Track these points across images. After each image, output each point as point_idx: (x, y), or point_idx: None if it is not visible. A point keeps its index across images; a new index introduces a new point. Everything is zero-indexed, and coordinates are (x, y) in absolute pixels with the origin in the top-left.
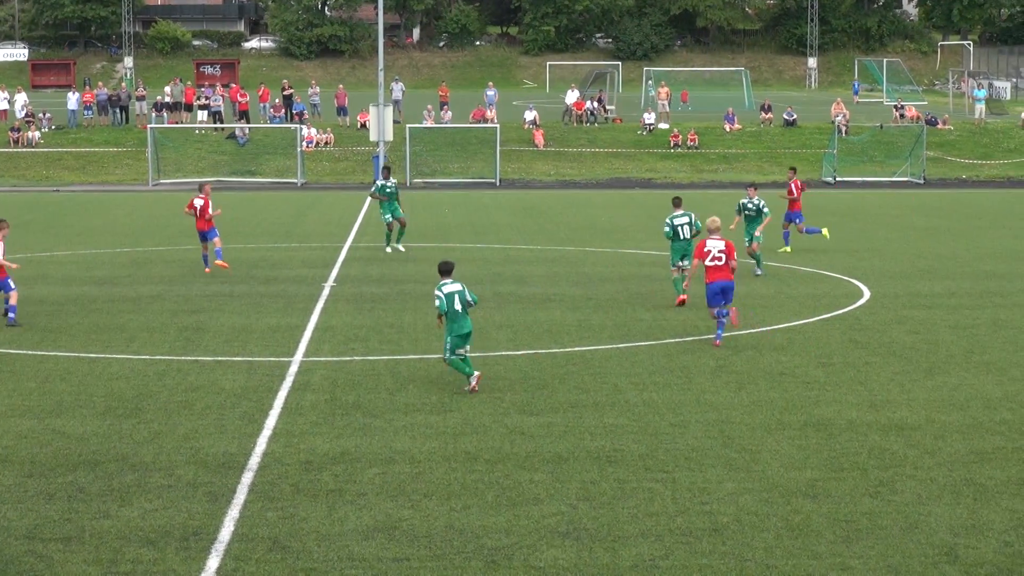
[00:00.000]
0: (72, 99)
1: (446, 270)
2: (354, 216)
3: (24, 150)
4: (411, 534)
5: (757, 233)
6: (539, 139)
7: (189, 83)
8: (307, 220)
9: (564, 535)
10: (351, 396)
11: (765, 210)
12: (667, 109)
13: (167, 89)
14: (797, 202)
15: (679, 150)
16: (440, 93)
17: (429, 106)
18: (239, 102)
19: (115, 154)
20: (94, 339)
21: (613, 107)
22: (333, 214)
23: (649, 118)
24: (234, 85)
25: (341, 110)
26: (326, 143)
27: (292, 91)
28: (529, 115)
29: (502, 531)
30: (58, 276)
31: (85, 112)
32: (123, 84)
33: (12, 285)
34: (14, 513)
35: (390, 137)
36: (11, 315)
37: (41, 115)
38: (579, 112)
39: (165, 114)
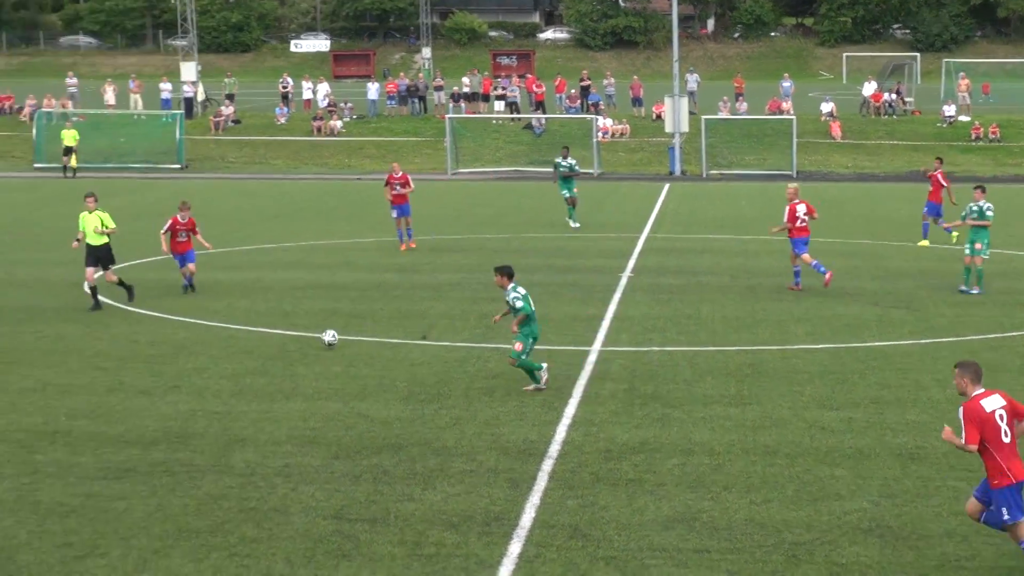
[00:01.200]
0: (372, 89)
1: (512, 273)
2: (650, 207)
3: (326, 139)
4: (711, 526)
5: (979, 247)
6: (836, 131)
7: (486, 74)
8: (604, 210)
9: (867, 532)
10: (649, 386)
11: (990, 215)
12: (968, 101)
13: (464, 80)
14: (937, 194)
15: (980, 143)
16: (735, 84)
17: (724, 97)
18: (535, 92)
19: (414, 143)
20: (396, 325)
21: (912, 99)
22: (629, 205)
23: (949, 110)
24: (530, 76)
25: (636, 101)
26: (621, 134)
27: (589, 82)
28: (826, 107)
29: (803, 526)
30: (362, 263)
31: (388, 102)
32: (421, 75)
33: (193, 257)
34: (322, 493)
35: (685, 128)
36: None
37: (342, 104)
38: (877, 104)
39: (463, 104)
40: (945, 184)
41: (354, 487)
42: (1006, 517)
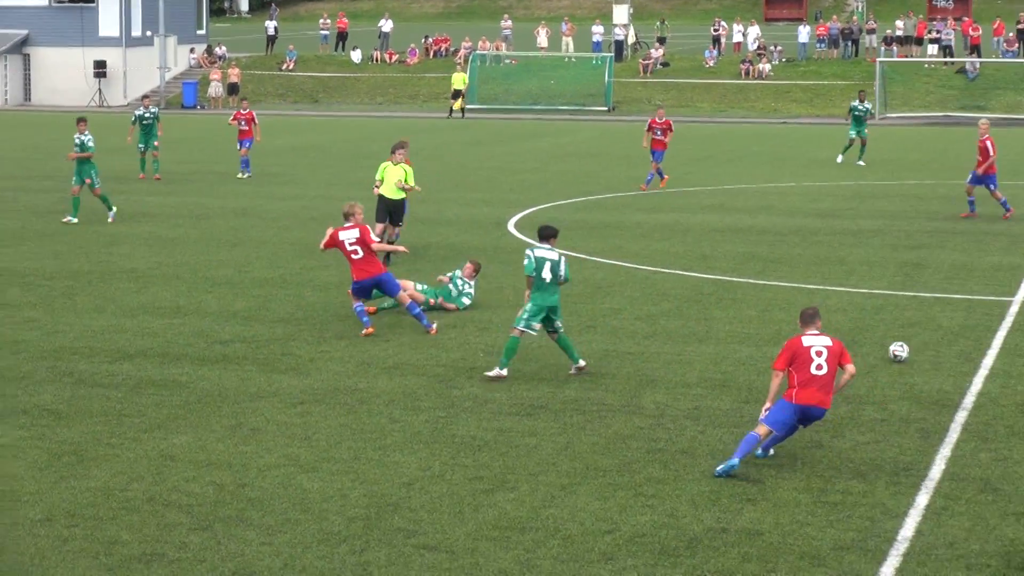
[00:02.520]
0: (803, 32)
1: (545, 235)
2: None
3: (754, 82)
4: None
5: None
6: None
7: (920, 16)
8: None
9: None
10: None
11: None
12: None
13: (898, 23)
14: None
15: None
16: None
17: None
18: (970, 36)
19: (842, 87)
20: (814, 271)
21: None
22: None
23: None
24: (967, 18)
25: None
26: None
27: None
28: None
29: None
30: (781, 207)
31: (817, 45)
32: (854, 17)
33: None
34: (730, 437)
35: None
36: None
37: (772, 47)
38: None
39: (895, 48)
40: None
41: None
42: (763, 416)
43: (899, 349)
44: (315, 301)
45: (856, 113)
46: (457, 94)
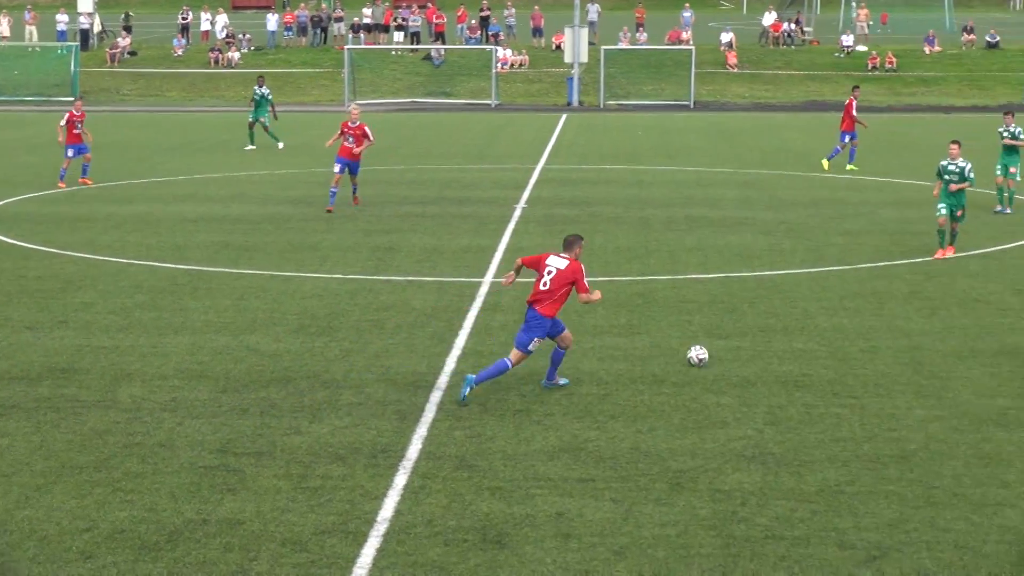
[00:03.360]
0: (272, 20)
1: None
2: (547, 138)
3: (223, 71)
4: (597, 455)
5: (1013, 170)
6: (732, 60)
7: (387, 4)
8: (500, 141)
9: (750, 459)
10: None
11: (1023, 137)
12: (866, 31)
13: (366, 11)
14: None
15: (877, 73)
16: (636, 15)
17: (624, 28)
18: (435, 23)
19: (312, 75)
20: (288, 258)
21: (811, 29)
22: (526, 135)
23: (847, 40)
24: (431, 6)
25: (536, 31)
26: (521, 64)
27: (489, 12)
28: (725, 37)
29: (688, 454)
30: (254, 195)
31: (285, 33)
32: (323, 5)
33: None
34: (208, 428)
35: (585, 59)
36: None
37: (241, 36)
38: (776, 34)
39: (362, 35)
40: (853, 114)
41: (241, 421)
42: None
43: (700, 352)
44: None
45: (255, 97)
46: None
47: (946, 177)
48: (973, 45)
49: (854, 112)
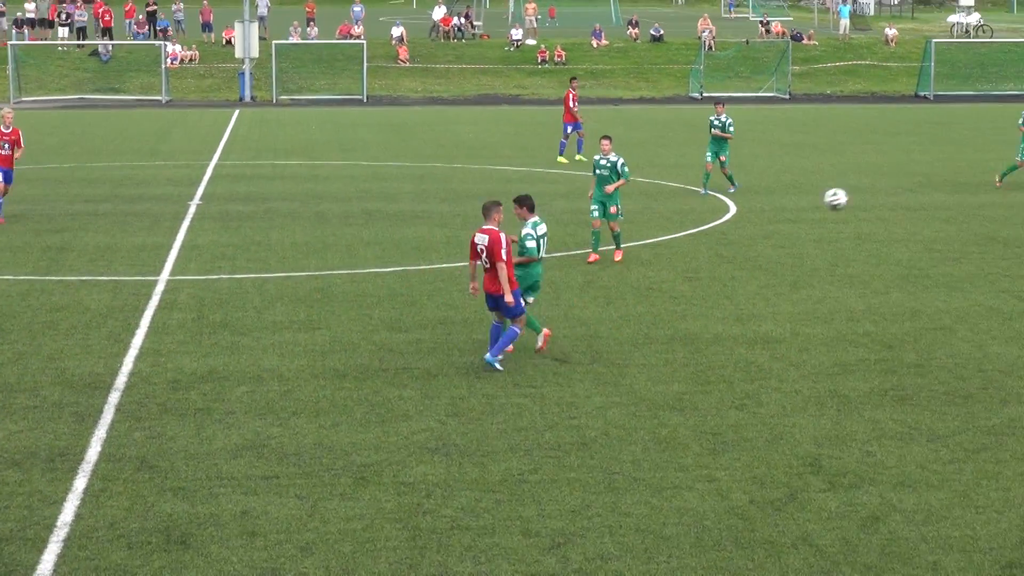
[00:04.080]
0: None
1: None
2: (220, 134)
3: None
4: (280, 452)
5: (723, 158)
6: (404, 55)
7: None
8: (172, 138)
9: (433, 451)
10: (218, 315)
11: (731, 128)
12: (535, 25)
13: (29, 5)
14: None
15: (547, 66)
16: (306, 9)
17: (295, 22)
18: (102, 18)
19: None
20: None
21: (480, 23)
22: (198, 132)
23: (516, 34)
24: (97, 0)
25: (206, 26)
26: (191, 60)
27: (156, 7)
28: (396, 31)
29: (371, 447)
30: None
31: None
32: None
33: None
34: None
35: (256, 54)
36: None
37: None
38: (446, 28)
39: (27, 31)
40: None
41: None
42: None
43: (837, 198)
44: None
45: None
46: None
47: (598, 172)
48: (638, 39)
49: (571, 104)
